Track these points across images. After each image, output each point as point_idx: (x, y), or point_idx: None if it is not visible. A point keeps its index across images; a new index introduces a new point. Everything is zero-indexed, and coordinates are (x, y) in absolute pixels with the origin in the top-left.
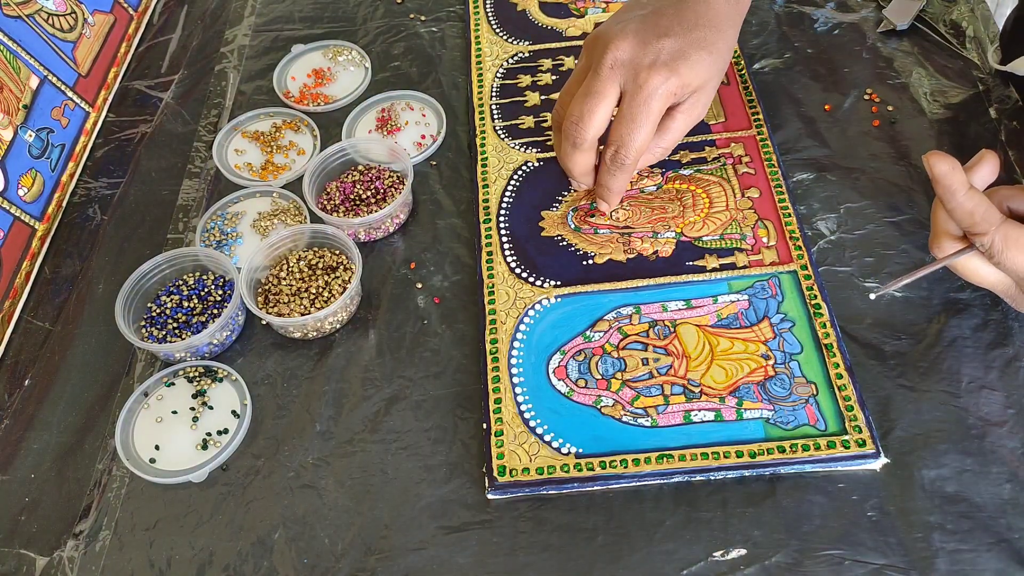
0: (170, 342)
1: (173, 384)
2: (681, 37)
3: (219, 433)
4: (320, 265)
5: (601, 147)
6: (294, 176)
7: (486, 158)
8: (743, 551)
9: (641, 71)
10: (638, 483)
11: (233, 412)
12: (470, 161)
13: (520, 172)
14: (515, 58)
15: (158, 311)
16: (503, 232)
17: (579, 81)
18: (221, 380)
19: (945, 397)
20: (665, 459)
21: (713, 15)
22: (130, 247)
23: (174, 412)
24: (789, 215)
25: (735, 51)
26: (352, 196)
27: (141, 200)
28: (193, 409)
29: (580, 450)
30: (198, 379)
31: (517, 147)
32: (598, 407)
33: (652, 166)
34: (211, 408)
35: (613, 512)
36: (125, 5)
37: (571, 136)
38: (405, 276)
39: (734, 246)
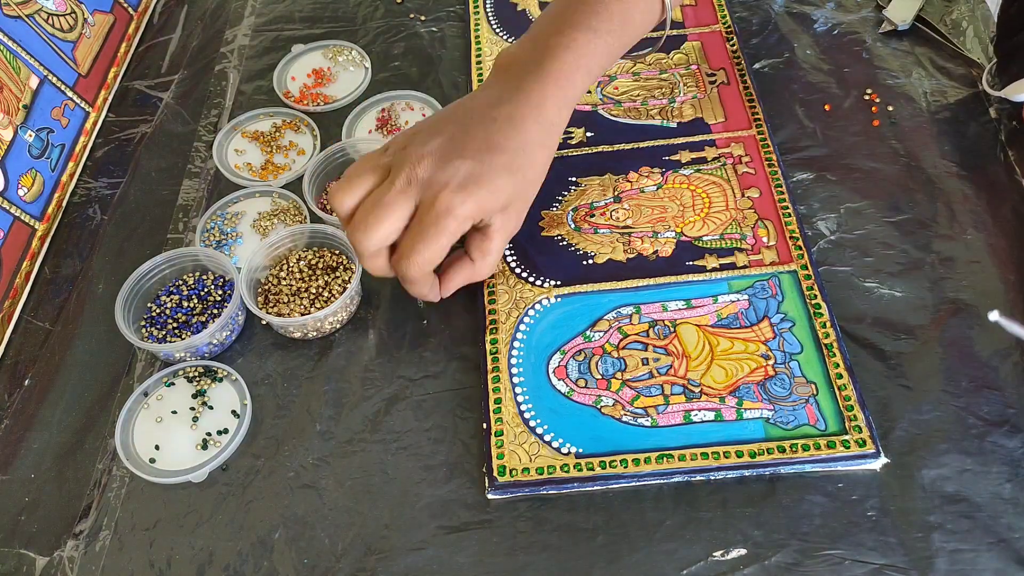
0: (170, 342)
1: (173, 384)
2: (481, 161)
3: (219, 433)
4: (320, 265)
5: None
6: (294, 176)
7: None
8: (743, 551)
9: (436, 188)
10: (638, 483)
11: (233, 412)
12: None
13: None
14: None
15: (158, 311)
16: None
17: (368, 171)
18: (221, 380)
19: (945, 397)
20: (665, 459)
21: (522, 139)
22: (130, 247)
23: (174, 412)
24: (789, 215)
25: (735, 51)
26: None
27: (141, 200)
28: (193, 409)
29: (580, 450)
30: (198, 379)
31: None
32: (598, 407)
33: (652, 166)
34: (211, 408)
35: (613, 512)
36: (125, 5)
37: (355, 242)
38: None
39: (734, 246)
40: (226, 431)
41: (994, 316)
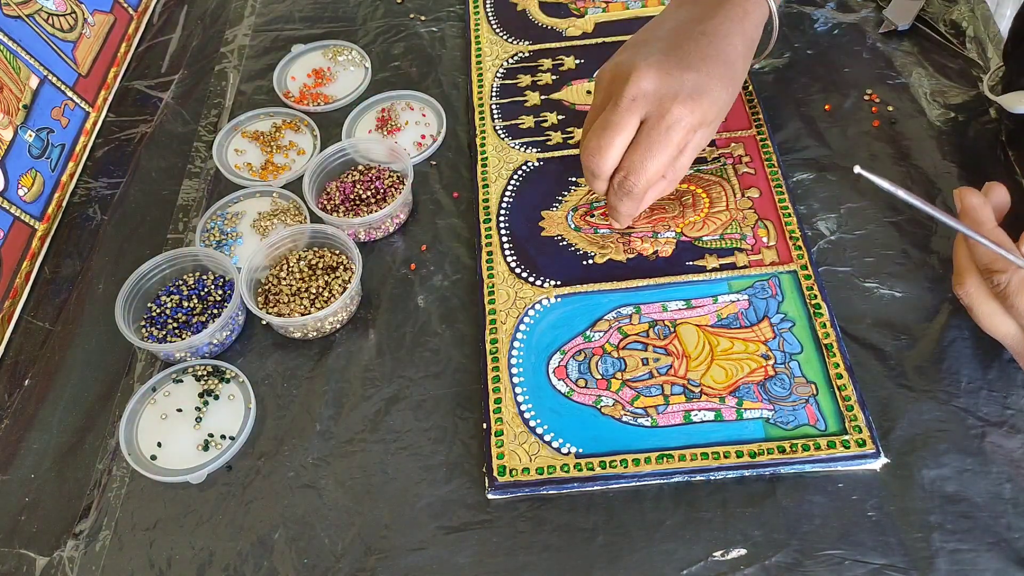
0: (170, 342)
1: (181, 382)
2: (703, 72)
3: (221, 437)
4: (320, 265)
5: None
6: (294, 176)
7: (486, 158)
8: (743, 551)
9: (665, 101)
10: (638, 483)
11: (237, 414)
12: (470, 161)
13: (520, 172)
14: (515, 58)
15: (158, 311)
16: (503, 232)
17: (598, 112)
18: (228, 381)
19: (945, 397)
20: (665, 459)
21: (731, 51)
22: (130, 247)
23: (179, 410)
24: (789, 215)
25: None
26: (352, 196)
27: (141, 200)
28: (198, 409)
29: (580, 450)
30: (206, 378)
31: (517, 147)
32: (598, 407)
33: None
34: (216, 409)
35: (613, 512)
36: (125, 5)
37: (589, 167)
38: (405, 276)
39: (734, 246)
40: (230, 435)
41: (857, 169)
